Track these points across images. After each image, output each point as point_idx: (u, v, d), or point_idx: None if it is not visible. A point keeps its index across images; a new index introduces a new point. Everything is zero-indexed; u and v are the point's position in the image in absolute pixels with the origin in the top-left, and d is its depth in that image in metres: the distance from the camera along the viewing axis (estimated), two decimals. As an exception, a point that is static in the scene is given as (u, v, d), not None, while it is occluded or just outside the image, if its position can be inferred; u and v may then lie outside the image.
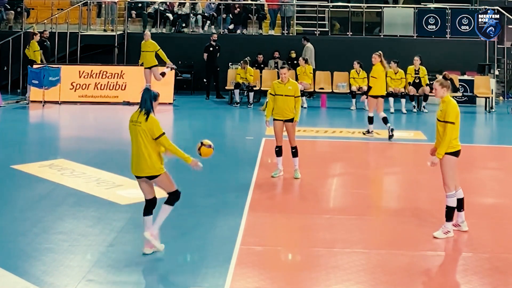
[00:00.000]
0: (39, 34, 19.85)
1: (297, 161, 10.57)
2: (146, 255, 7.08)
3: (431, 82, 18.91)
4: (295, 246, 7.56)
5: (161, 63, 18.19)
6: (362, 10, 22.24)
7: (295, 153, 10.54)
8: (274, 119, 10.47)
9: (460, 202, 7.99)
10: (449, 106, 7.67)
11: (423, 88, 18.55)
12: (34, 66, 18.68)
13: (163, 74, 18.03)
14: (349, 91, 19.07)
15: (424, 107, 18.47)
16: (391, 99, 18.12)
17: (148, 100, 7.00)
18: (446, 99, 7.74)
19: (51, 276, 6.50)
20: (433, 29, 21.70)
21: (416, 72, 18.63)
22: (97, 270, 6.69)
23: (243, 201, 9.20)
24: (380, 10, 22.24)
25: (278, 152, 10.57)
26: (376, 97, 14.11)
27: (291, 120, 10.41)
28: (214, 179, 10.49)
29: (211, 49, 20.19)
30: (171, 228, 7.75)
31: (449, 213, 7.79)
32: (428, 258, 7.24)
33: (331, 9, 22.37)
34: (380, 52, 14.23)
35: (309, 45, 20.91)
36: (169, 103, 18.84)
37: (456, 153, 7.74)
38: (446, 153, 7.68)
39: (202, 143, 7.52)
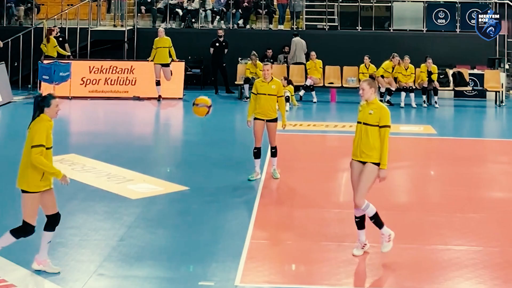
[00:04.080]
0: (55, 29, 19.96)
1: (276, 161, 10.29)
2: (159, 250, 7.09)
3: (441, 77, 18.93)
4: (305, 240, 7.56)
5: None
6: (371, 4, 22.15)
7: (274, 153, 10.23)
8: (255, 118, 10.05)
9: (363, 219, 7.19)
10: (383, 110, 7.09)
11: (433, 83, 18.51)
12: (45, 62, 18.75)
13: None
14: (358, 85, 18.99)
15: (436, 102, 18.41)
16: (402, 94, 18.11)
17: (35, 106, 6.61)
18: (375, 102, 7.09)
19: (62, 271, 6.53)
20: (442, 23, 21.59)
21: (429, 72, 18.58)
22: (108, 265, 6.73)
23: (253, 196, 9.23)
24: (389, 4, 22.14)
25: (256, 154, 10.14)
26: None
27: (274, 120, 10.05)
28: (224, 174, 10.51)
29: (217, 44, 20.15)
30: (181, 222, 7.78)
31: (377, 221, 7.06)
32: (438, 252, 7.23)
33: (340, 4, 22.32)
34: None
35: (295, 39, 20.83)
36: (179, 98, 18.88)
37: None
38: (374, 163, 6.97)
39: (194, 103, 7.36)
